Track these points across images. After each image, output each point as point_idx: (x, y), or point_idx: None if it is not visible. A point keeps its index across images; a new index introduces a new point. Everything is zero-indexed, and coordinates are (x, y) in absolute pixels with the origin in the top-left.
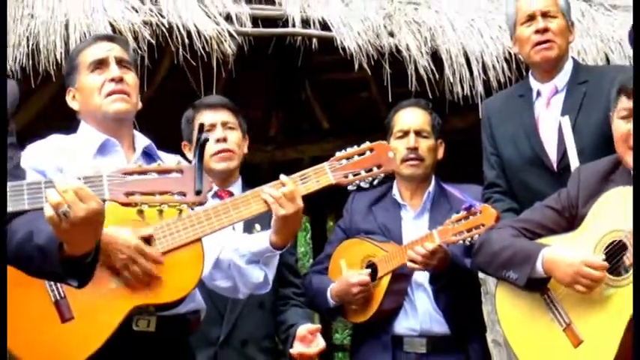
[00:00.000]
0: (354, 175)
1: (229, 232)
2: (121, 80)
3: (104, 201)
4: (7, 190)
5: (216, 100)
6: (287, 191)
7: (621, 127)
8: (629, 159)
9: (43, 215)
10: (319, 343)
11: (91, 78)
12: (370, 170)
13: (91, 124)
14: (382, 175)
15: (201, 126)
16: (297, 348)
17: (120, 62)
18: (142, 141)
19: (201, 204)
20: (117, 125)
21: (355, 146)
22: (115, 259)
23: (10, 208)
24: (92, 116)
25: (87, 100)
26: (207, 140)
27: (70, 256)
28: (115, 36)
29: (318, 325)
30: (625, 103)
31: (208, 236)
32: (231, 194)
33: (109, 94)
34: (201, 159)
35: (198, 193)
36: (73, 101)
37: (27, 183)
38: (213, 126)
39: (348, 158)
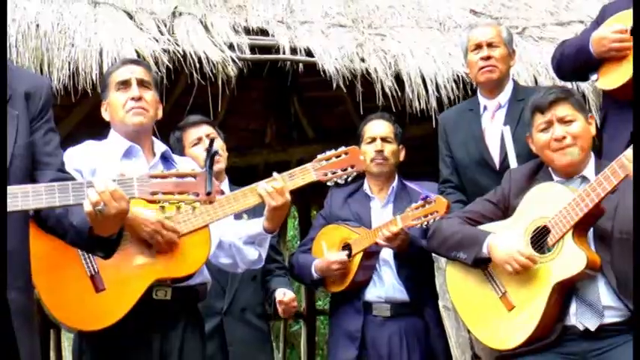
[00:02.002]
0: (332, 174)
1: (228, 219)
2: (140, 99)
3: (132, 198)
4: (56, 186)
5: (196, 118)
6: (278, 187)
7: (542, 138)
8: (555, 157)
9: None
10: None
11: (117, 95)
12: (345, 170)
13: (118, 132)
14: (355, 173)
15: (212, 140)
16: (279, 295)
17: (141, 83)
18: (160, 147)
19: (210, 202)
20: (138, 134)
21: (333, 150)
22: (142, 232)
23: (57, 202)
24: (118, 126)
25: (114, 113)
26: (216, 152)
27: (98, 235)
28: (139, 60)
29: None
30: (540, 119)
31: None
32: (221, 191)
33: (130, 110)
34: (211, 167)
35: (208, 193)
36: (105, 112)
37: (72, 183)
38: (199, 140)
39: (327, 160)
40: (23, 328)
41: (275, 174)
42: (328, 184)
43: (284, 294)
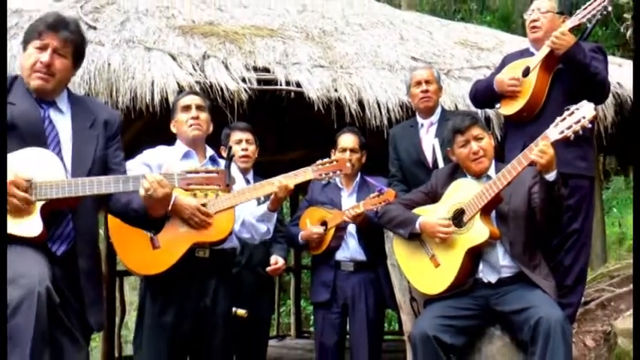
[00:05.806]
0: (326, 174)
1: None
2: (197, 117)
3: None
4: (120, 178)
5: (243, 125)
6: (285, 184)
7: (463, 152)
8: (473, 165)
9: (135, 192)
10: (278, 262)
11: (182, 115)
12: (335, 172)
13: (182, 141)
14: (341, 175)
15: (230, 148)
16: (272, 260)
17: (198, 107)
18: (209, 151)
19: (229, 192)
20: (195, 142)
21: (327, 158)
22: (183, 214)
23: (121, 189)
24: (183, 136)
25: (180, 127)
26: (234, 155)
27: (151, 216)
28: (197, 92)
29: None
30: (460, 138)
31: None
32: (247, 181)
33: (191, 125)
34: (230, 165)
35: (227, 185)
36: (173, 127)
37: (131, 176)
38: (240, 141)
39: (322, 164)
40: (88, 282)
41: (281, 176)
42: (322, 182)
43: (276, 260)
